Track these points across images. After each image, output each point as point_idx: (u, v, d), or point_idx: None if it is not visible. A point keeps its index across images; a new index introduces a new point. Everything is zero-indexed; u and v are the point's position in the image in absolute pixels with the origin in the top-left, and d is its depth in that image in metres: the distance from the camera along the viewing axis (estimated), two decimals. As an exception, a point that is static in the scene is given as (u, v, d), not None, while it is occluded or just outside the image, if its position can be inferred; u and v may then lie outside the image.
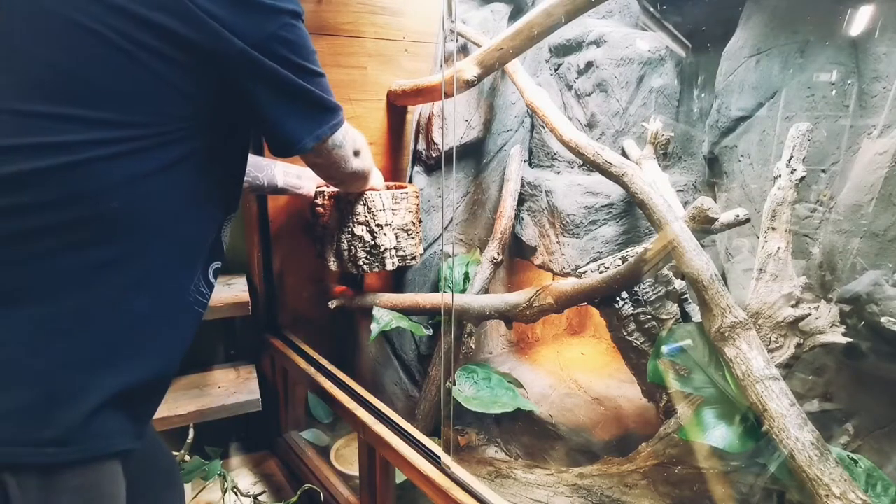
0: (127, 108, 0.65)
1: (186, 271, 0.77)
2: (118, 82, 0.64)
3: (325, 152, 0.89)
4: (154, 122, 0.67)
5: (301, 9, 0.76)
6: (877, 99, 1.37)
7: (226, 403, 1.45)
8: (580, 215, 1.79)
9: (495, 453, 1.87)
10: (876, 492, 1.11)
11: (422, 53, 1.82)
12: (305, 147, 0.83)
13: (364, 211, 1.45)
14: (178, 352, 0.79)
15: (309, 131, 0.82)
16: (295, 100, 0.78)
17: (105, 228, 0.65)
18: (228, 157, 0.82)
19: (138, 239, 0.68)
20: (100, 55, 0.62)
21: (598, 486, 1.43)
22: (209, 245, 0.80)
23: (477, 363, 1.89)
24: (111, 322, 0.67)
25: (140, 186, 0.67)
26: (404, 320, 1.59)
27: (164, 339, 0.75)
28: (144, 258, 0.70)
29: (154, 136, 0.67)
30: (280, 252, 1.72)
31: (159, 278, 0.72)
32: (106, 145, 0.64)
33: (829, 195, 1.46)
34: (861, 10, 1.37)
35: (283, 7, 0.72)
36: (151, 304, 0.71)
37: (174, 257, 0.74)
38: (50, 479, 0.62)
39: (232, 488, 1.51)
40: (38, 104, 0.61)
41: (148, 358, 0.72)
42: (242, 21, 0.68)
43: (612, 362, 2.18)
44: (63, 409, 0.63)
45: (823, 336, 1.28)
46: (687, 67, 1.89)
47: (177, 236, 0.74)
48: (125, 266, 0.68)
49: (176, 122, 0.68)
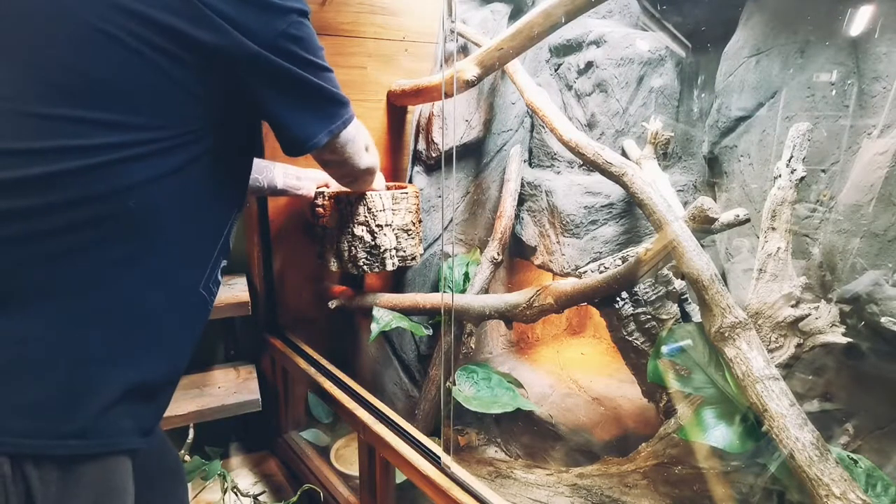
0: (144, 112, 0.66)
1: (199, 268, 0.78)
2: (136, 86, 0.65)
3: (338, 148, 0.90)
4: (169, 125, 0.68)
5: (308, 7, 0.77)
6: (877, 99, 1.37)
7: (226, 403, 1.45)
8: (580, 215, 1.79)
9: (495, 453, 1.87)
10: (876, 492, 1.11)
11: (422, 53, 1.82)
12: (319, 143, 0.83)
13: (364, 211, 1.45)
14: (189, 347, 0.80)
15: (322, 127, 0.83)
16: (306, 96, 0.79)
17: (122, 227, 0.67)
18: (238, 157, 0.83)
19: (153, 236, 0.70)
20: (118, 59, 0.64)
21: (598, 486, 1.43)
22: (220, 243, 0.82)
23: (477, 363, 1.89)
24: (128, 317, 0.69)
25: (155, 186, 0.68)
26: (404, 320, 1.59)
27: (177, 335, 0.77)
28: (159, 255, 0.71)
29: (169, 138, 0.68)
30: (280, 252, 1.72)
31: (173, 275, 0.74)
32: (126, 148, 0.65)
33: (829, 195, 1.46)
34: (861, 10, 1.37)
35: (292, 6, 0.73)
36: (166, 300, 0.73)
37: (187, 254, 0.76)
38: (69, 471, 0.64)
39: (232, 488, 1.51)
40: (61, 107, 0.62)
41: (163, 353, 0.74)
42: (253, 21, 0.69)
43: (612, 362, 2.18)
44: (83, 403, 0.65)
45: (823, 336, 1.28)
46: (687, 67, 1.89)
47: (189, 234, 0.75)
48: (141, 263, 0.69)
49: (190, 123, 0.70)
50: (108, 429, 0.67)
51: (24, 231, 0.62)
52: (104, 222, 0.66)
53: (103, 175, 0.64)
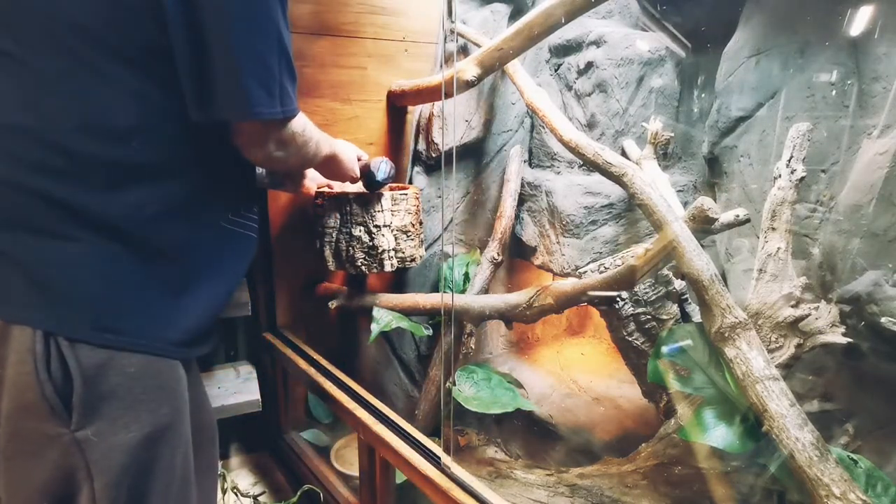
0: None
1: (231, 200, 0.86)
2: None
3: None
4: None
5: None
6: (877, 99, 1.37)
7: (226, 404, 1.45)
8: (580, 215, 1.79)
9: (495, 453, 1.87)
10: (876, 492, 1.11)
11: (422, 53, 1.82)
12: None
13: (362, 211, 1.45)
14: (235, 274, 0.89)
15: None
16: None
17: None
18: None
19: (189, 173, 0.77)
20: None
21: (598, 486, 1.43)
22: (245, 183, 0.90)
23: (477, 363, 1.89)
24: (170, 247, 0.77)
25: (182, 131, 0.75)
26: (404, 320, 1.59)
27: (214, 263, 0.84)
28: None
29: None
30: (280, 252, 1.72)
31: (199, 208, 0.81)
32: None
33: (829, 195, 1.46)
34: (861, 11, 1.37)
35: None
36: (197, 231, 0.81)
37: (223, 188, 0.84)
38: (111, 358, 0.71)
39: (232, 488, 1.51)
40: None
41: (201, 276, 0.82)
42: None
43: (612, 362, 2.18)
44: (123, 306, 0.73)
45: (823, 336, 1.28)
46: (687, 67, 1.90)
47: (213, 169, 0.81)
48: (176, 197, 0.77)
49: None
50: (144, 333, 0.74)
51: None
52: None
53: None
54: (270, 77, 0.74)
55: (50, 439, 0.69)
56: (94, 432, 0.70)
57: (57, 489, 0.70)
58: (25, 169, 0.67)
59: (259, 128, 0.79)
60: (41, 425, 0.68)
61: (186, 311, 0.80)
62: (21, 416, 0.69)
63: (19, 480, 0.71)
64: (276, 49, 0.74)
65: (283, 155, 0.86)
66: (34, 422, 0.68)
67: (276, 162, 0.87)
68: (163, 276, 0.77)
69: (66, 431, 0.69)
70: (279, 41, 0.74)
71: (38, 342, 0.67)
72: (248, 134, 0.80)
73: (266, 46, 0.73)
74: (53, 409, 0.68)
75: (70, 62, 0.67)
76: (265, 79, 0.74)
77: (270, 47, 0.74)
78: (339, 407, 1.34)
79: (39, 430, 0.68)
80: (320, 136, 0.95)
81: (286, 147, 0.85)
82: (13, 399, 0.68)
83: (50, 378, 0.67)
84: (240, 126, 0.79)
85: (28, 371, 0.67)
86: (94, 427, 0.70)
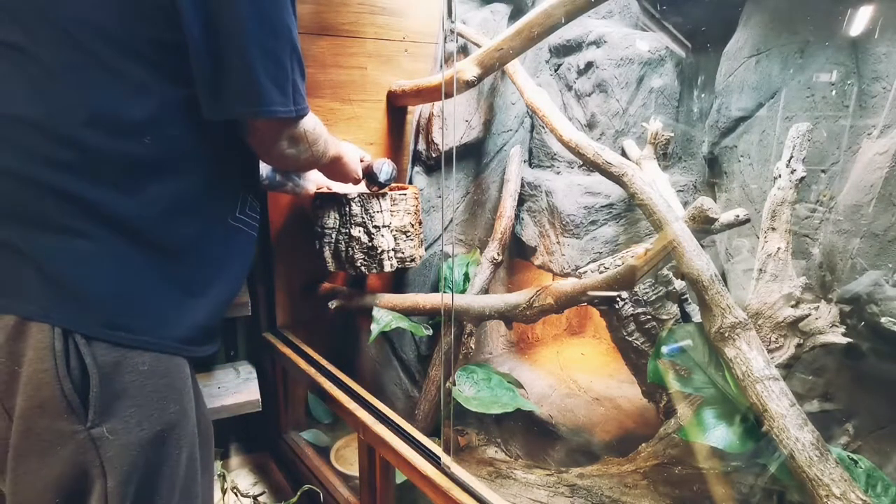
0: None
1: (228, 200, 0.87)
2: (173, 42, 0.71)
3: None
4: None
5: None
6: (877, 99, 1.37)
7: (226, 404, 1.45)
8: (580, 215, 1.79)
9: (495, 453, 1.87)
10: (876, 492, 1.11)
11: (422, 53, 1.82)
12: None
13: (361, 212, 1.45)
14: (237, 271, 0.90)
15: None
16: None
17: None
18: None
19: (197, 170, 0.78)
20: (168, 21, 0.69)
21: (598, 486, 1.43)
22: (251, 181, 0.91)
23: (477, 363, 1.89)
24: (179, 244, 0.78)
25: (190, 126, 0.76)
26: (404, 321, 1.59)
27: (223, 260, 0.85)
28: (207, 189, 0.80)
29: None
30: (280, 252, 1.72)
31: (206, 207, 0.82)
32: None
33: (829, 195, 1.46)
34: (861, 11, 1.37)
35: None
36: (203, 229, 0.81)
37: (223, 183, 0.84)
38: (124, 357, 0.72)
39: (232, 488, 1.52)
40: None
41: (211, 275, 0.82)
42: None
43: (612, 362, 2.18)
44: (136, 306, 0.74)
45: (823, 336, 1.28)
46: (687, 67, 1.89)
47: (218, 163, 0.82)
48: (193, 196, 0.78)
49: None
50: (155, 331, 0.75)
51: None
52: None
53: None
54: (283, 75, 0.75)
55: (65, 436, 0.69)
56: (109, 429, 0.70)
57: (69, 486, 0.71)
58: (37, 162, 0.67)
59: (273, 125, 0.80)
60: (56, 422, 0.69)
61: (195, 309, 0.80)
62: (36, 414, 0.69)
63: (30, 478, 0.71)
64: (288, 48, 0.75)
65: (294, 152, 0.86)
66: (49, 419, 0.68)
67: (287, 159, 0.88)
68: (173, 273, 0.77)
69: (82, 428, 0.69)
70: (291, 40, 0.75)
71: (57, 339, 0.67)
72: (261, 132, 0.81)
73: (279, 45, 0.73)
74: (71, 407, 0.68)
75: (78, 55, 0.67)
76: (278, 77, 0.74)
77: (283, 46, 0.74)
78: (340, 407, 1.34)
79: (54, 427, 0.69)
80: (328, 135, 0.96)
81: (298, 144, 0.86)
82: (29, 397, 0.68)
83: (69, 375, 0.68)
84: (253, 124, 0.79)
85: (47, 368, 0.67)
86: (109, 424, 0.70)
